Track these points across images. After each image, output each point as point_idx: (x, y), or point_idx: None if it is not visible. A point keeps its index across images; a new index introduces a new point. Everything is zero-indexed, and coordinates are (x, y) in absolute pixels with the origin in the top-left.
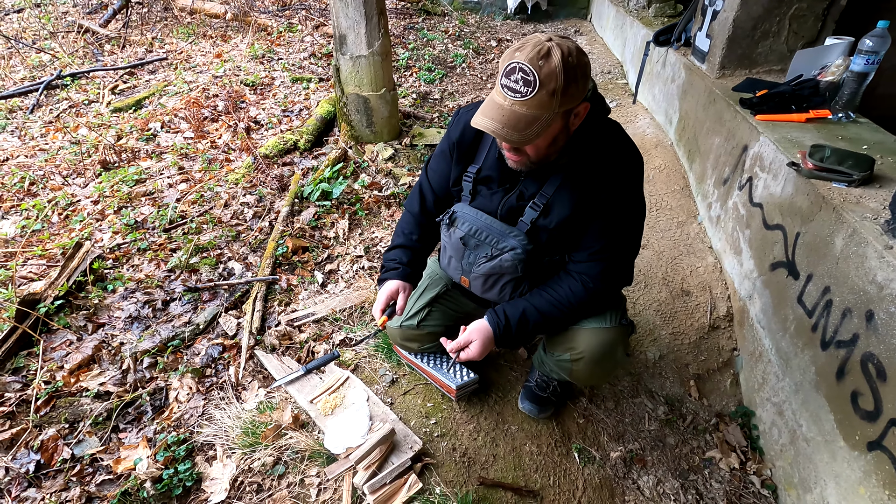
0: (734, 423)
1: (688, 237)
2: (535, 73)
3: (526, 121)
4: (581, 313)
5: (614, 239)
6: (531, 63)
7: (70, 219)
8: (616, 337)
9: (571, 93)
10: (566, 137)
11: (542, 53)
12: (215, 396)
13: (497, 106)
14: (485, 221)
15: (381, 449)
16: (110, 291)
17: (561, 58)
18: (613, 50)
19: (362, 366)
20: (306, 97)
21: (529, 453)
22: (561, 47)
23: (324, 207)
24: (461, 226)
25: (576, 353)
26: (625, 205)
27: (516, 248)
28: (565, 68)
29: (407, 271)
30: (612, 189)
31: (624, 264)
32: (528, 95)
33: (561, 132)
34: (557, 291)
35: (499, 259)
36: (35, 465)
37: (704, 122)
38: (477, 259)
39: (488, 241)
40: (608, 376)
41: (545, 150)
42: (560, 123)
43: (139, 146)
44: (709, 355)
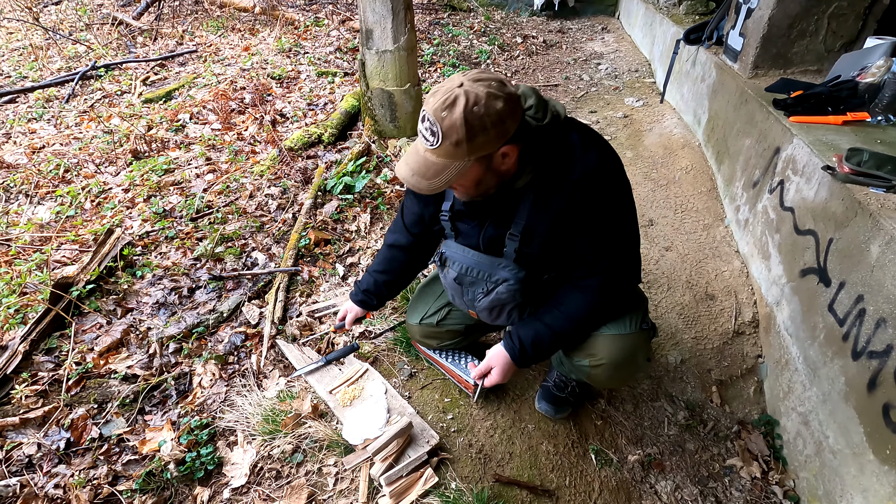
0: (757, 432)
1: (714, 240)
2: (438, 124)
3: (435, 169)
4: (595, 323)
5: (605, 246)
6: (434, 114)
7: (102, 206)
8: (637, 342)
9: (481, 142)
10: (497, 177)
11: (446, 103)
12: (237, 383)
13: (415, 152)
14: (473, 258)
15: (398, 441)
16: (139, 277)
17: (464, 109)
18: (641, 48)
19: (381, 359)
20: (331, 91)
21: (546, 453)
22: (468, 96)
23: (346, 201)
24: (452, 266)
25: (595, 359)
26: (603, 209)
27: (509, 280)
28: (467, 120)
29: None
30: (584, 199)
31: (623, 267)
32: (435, 145)
33: (485, 174)
34: (567, 306)
35: (495, 293)
36: (65, 443)
37: (735, 123)
38: (475, 295)
39: (481, 277)
40: (629, 381)
41: (475, 191)
42: (479, 168)
43: (168, 136)
44: (732, 361)
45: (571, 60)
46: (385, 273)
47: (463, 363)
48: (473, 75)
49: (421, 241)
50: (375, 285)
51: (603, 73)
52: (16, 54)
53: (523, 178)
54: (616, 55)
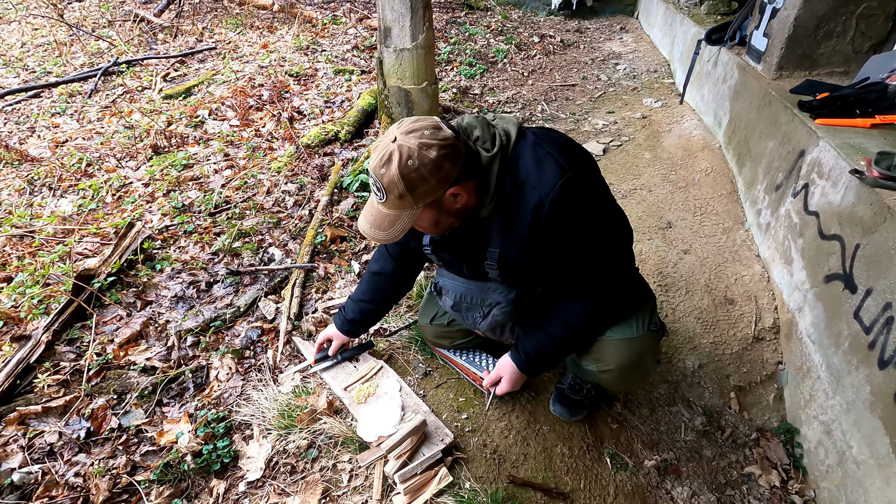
0: (776, 440)
1: (733, 244)
2: (380, 181)
3: (389, 220)
4: (599, 327)
5: (586, 258)
6: (375, 172)
7: (122, 200)
8: (644, 346)
9: (423, 191)
10: (454, 214)
11: (383, 160)
12: (253, 378)
13: (370, 205)
14: (464, 286)
15: (412, 439)
16: (158, 271)
17: (398, 164)
18: (661, 48)
19: (396, 356)
20: (348, 89)
21: (561, 455)
22: (401, 150)
23: (362, 198)
24: (448, 295)
25: (602, 364)
26: (572, 227)
27: (501, 303)
28: (402, 175)
29: (345, 324)
30: (548, 223)
31: (611, 270)
32: (382, 199)
33: (440, 215)
34: (566, 315)
35: (491, 316)
36: (86, 432)
37: (757, 125)
38: (474, 319)
39: (476, 303)
40: (640, 384)
41: (435, 229)
42: (431, 212)
43: (188, 132)
44: (751, 367)
45: (589, 60)
46: (370, 302)
47: (478, 360)
48: (406, 126)
49: (405, 266)
50: (361, 314)
51: (621, 74)
52: (40, 50)
53: (485, 208)
54: (634, 55)
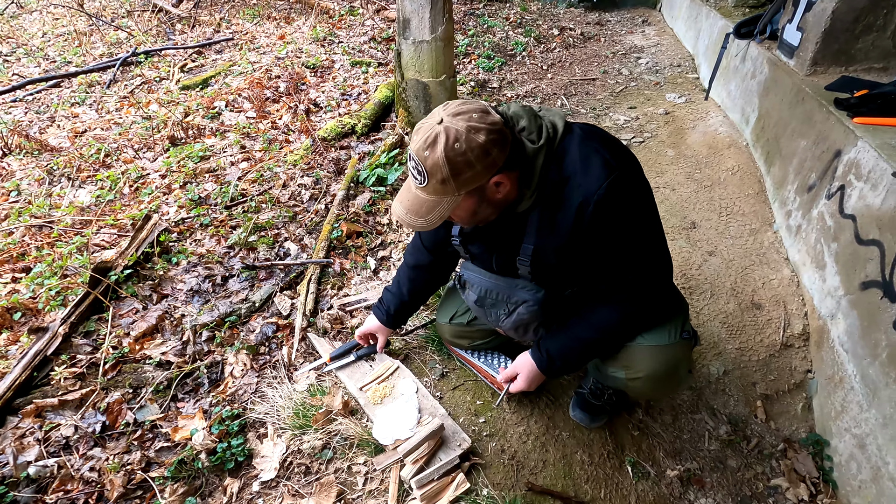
0: (805, 451)
1: (761, 246)
2: (422, 164)
3: (427, 206)
4: (629, 333)
5: (624, 263)
6: (417, 154)
7: (140, 191)
8: (678, 354)
9: (468, 177)
10: (493, 206)
11: (428, 142)
12: (268, 375)
13: (407, 189)
14: (491, 281)
15: (429, 444)
16: (174, 264)
17: (444, 147)
18: (684, 42)
19: (412, 356)
20: (365, 81)
21: (580, 462)
22: (447, 133)
23: (379, 193)
24: (472, 289)
25: (632, 371)
26: (615, 229)
27: (528, 301)
28: (448, 158)
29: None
30: (591, 223)
31: (649, 276)
32: (423, 184)
33: (479, 205)
34: (596, 318)
35: (516, 314)
36: (101, 426)
37: (789, 123)
38: (498, 317)
39: (501, 299)
40: (670, 394)
41: (471, 220)
42: (472, 201)
43: (204, 124)
44: (779, 375)
45: (610, 54)
46: (408, 294)
47: (496, 363)
48: (453, 108)
49: (441, 259)
50: (402, 306)
51: (643, 68)
52: (61, 40)
53: (525, 202)
54: (657, 49)
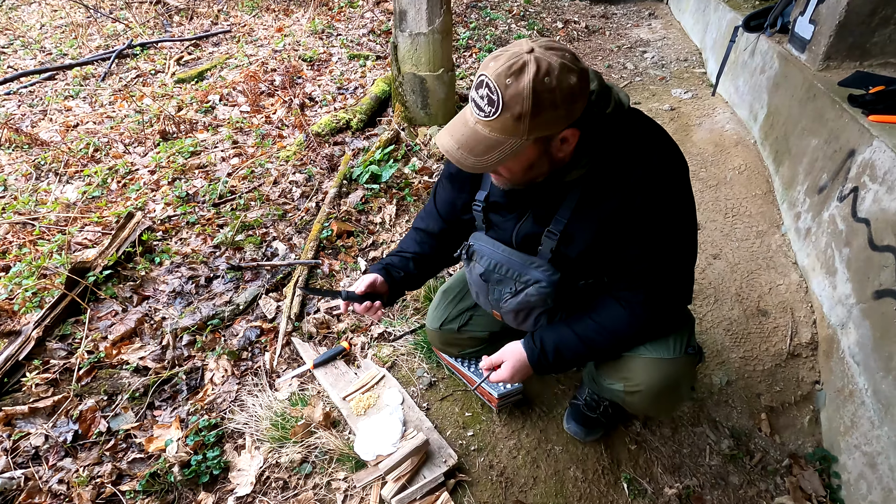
0: (811, 468)
1: (768, 249)
2: (500, 92)
3: (486, 145)
4: (631, 342)
5: (656, 261)
6: (497, 80)
7: (127, 187)
8: (681, 370)
9: (546, 119)
10: (550, 164)
11: (513, 69)
12: (249, 382)
13: (463, 122)
14: (503, 254)
15: (412, 460)
16: (157, 264)
17: (534, 77)
18: (692, 35)
19: (399, 364)
20: (362, 75)
21: (573, 479)
22: (539, 63)
23: (372, 191)
24: (480, 261)
25: (631, 384)
26: (662, 220)
27: (541, 281)
28: (536, 91)
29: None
30: (641, 206)
31: (674, 285)
32: (492, 116)
33: (539, 159)
34: (602, 316)
35: (524, 294)
36: (73, 435)
37: (799, 120)
38: (502, 295)
39: (510, 276)
40: (669, 411)
41: (522, 176)
42: (535, 151)
43: (197, 118)
44: (785, 386)
45: (615, 48)
46: (414, 255)
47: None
48: (544, 42)
49: (452, 230)
50: (401, 260)
51: (649, 62)
52: (59, 31)
53: (576, 171)
54: (663, 43)
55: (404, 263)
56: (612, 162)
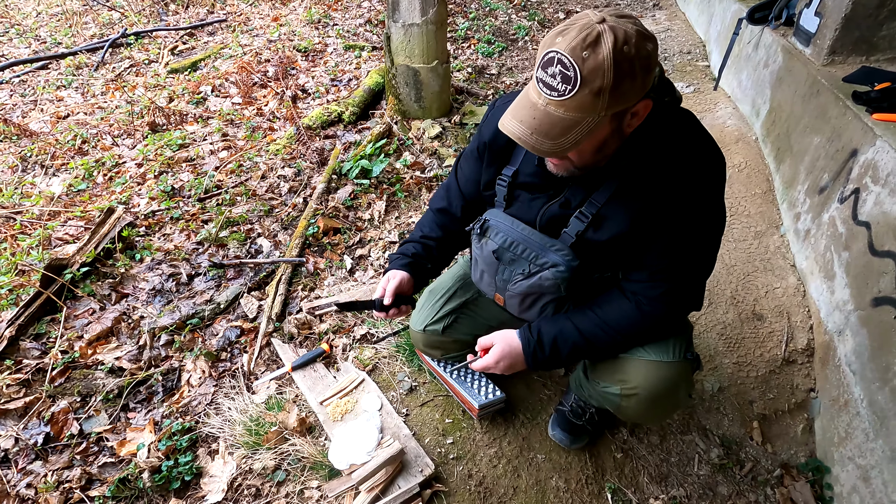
0: (803, 479)
1: (766, 251)
2: (577, 66)
3: (562, 126)
4: (633, 341)
5: (682, 258)
6: (573, 54)
7: (113, 181)
8: (679, 374)
9: (625, 91)
10: (619, 141)
11: (588, 41)
12: (226, 384)
13: (530, 105)
14: (522, 233)
15: (387, 470)
16: (137, 261)
17: (613, 47)
18: (696, 27)
19: (380, 367)
20: (357, 66)
21: (555, 489)
22: (615, 32)
23: (361, 186)
24: (494, 237)
25: (628, 387)
26: (699, 218)
27: (559, 265)
28: (617, 61)
29: (407, 261)
30: (682, 199)
31: (692, 287)
32: (567, 95)
33: (611, 136)
34: (606, 312)
35: (538, 277)
36: (44, 437)
37: (802, 117)
38: (513, 276)
39: (525, 256)
40: (664, 417)
41: (591, 157)
42: (609, 128)
43: (188, 109)
44: (779, 393)
45: None
46: (437, 239)
47: (469, 381)
48: (613, 11)
49: (473, 208)
50: (426, 249)
51: None
52: (54, 20)
53: (626, 158)
54: (667, 34)
55: (429, 252)
56: (657, 158)
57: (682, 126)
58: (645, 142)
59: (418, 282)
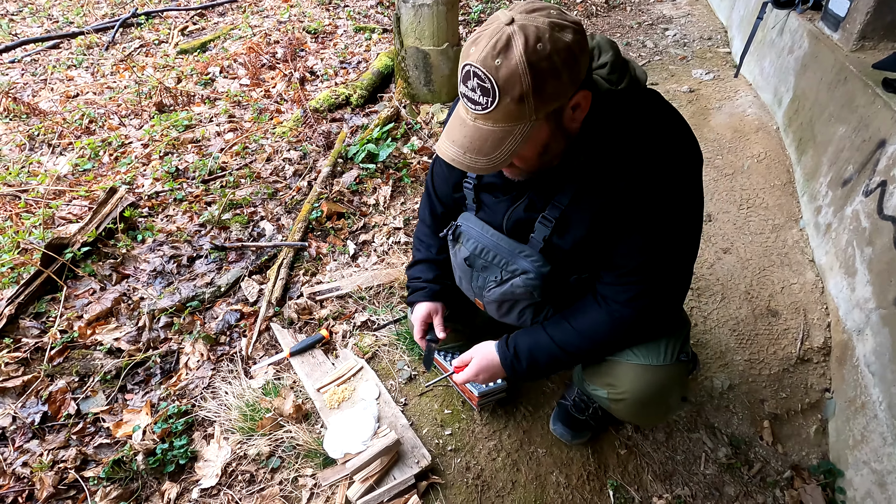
0: (814, 482)
1: (783, 245)
2: (492, 77)
3: (493, 139)
4: (611, 347)
5: (651, 257)
6: (485, 64)
7: (119, 160)
8: (670, 378)
9: (551, 91)
10: (566, 139)
11: (498, 48)
12: (224, 368)
13: (460, 122)
14: (491, 239)
15: (382, 460)
16: (139, 242)
17: (525, 49)
18: (718, 12)
19: (380, 355)
20: (367, 49)
21: (555, 484)
22: (525, 32)
23: (367, 171)
24: (466, 243)
25: (616, 391)
26: (664, 211)
27: (528, 273)
28: (531, 63)
29: (435, 289)
30: (642, 192)
31: (666, 288)
32: (490, 107)
33: (553, 137)
34: (580, 320)
35: (509, 284)
36: (41, 416)
37: (827, 106)
38: (486, 283)
39: (497, 263)
40: (656, 421)
41: (538, 161)
42: (547, 129)
43: (196, 90)
44: (792, 393)
45: (635, 24)
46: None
47: None
48: (524, 6)
49: (453, 210)
50: (440, 265)
51: (670, 41)
52: None
53: (584, 153)
54: (687, 20)
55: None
56: (619, 146)
57: (644, 110)
58: (598, 134)
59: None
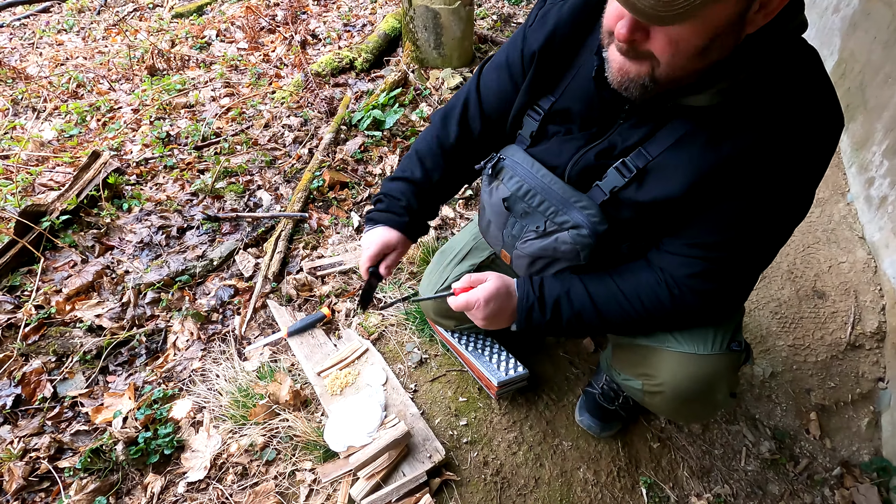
0: (867, 480)
1: (829, 220)
2: None
3: None
4: (656, 325)
5: (744, 235)
6: None
7: (107, 126)
8: (718, 370)
9: None
10: (731, 45)
11: None
12: (215, 349)
13: None
14: (542, 180)
15: (390, 454)
16: (125, 211)
17: None
18: None
19: (387, 336)
20: (372, 11)
21: (583, 481)
22: None
23: (373, 138)
24: (508, 181)
25: (652, 383)
26: (785, 192)
27: (581, 227)
28: None
29: (407, 221)
30: (774, 161)
31: (742, 275)
32: None
33: (726, 30)
34: (628, 282)
35: (553, 238)
36: (14, 399)
37: (882, 67)
38: (524, 232)
39: (542, 210)
40: (700, 419)
41: (687, 59)
42: (734, 9)
43: (191, 54)
44: (841, 382)
45: None
46: (441, 173)
47: (487, 356)
48: None
49: (489, 137)
50: (426, 194)
51: None
52: None
53: (706, 93)
54: None
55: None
56: (758, 97)
57: (802, 65)
58: (750, 68)
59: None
